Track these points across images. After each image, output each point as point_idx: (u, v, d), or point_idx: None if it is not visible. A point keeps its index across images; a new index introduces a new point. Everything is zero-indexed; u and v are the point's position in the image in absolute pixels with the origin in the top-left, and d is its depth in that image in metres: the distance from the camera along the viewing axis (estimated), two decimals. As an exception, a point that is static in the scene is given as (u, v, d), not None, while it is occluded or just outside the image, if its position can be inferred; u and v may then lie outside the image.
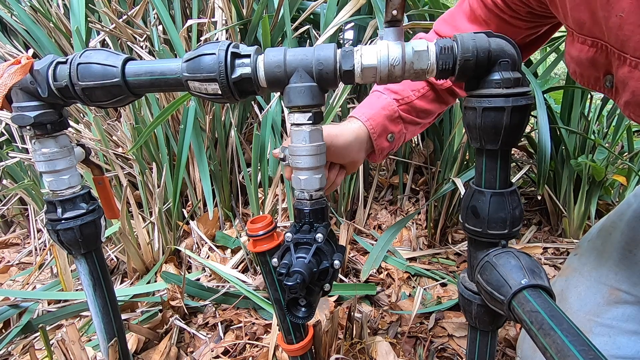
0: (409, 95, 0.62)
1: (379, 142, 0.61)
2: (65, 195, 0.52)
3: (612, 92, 0.46)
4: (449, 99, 0.67)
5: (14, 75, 0.43)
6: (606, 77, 0.46)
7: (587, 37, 0.44)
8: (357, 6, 1.13)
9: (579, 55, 0.47)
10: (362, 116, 0.59)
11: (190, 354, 0.89)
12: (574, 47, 0.47)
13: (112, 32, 1.24)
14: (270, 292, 0.57)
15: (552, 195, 1.30)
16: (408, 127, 0.64)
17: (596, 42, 0.43)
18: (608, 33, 0.41)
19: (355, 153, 0.58)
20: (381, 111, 0.60)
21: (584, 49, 0.46)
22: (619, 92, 0.45)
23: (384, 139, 0.61)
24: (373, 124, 0.59)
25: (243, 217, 1.29)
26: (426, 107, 0.64)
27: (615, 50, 0.41)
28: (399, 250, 1.20)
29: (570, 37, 0.48)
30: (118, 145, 1.22)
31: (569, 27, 0.47)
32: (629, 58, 0.40)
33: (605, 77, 0.46)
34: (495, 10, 0.56)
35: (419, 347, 0.89)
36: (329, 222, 0.48)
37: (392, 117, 0.61)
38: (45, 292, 1.06)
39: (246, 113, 1.40)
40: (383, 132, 0.61)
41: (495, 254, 0.43)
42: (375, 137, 0.60)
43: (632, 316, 0.60)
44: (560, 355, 0.30)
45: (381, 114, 0.60)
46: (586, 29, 0.44)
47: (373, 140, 0.60)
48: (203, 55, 0.41)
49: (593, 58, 0.45)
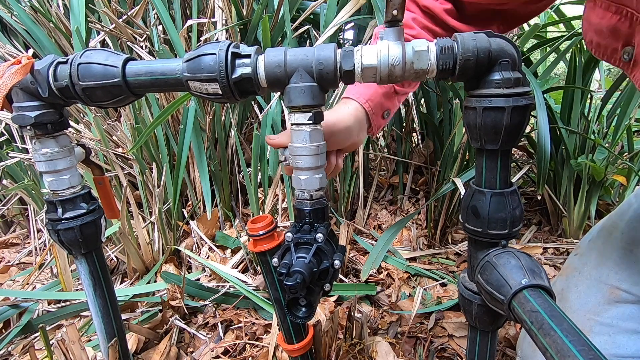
0: None
1: (376, 121, 0.61)
2: (66, 195, 0.52)
3: (628, 65, 0.44)
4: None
5: (14, 75, 0.43)
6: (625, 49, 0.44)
7: (612, 2, 0.42)
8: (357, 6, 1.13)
9: (600, 22, 0.44)
10: (360, 97, 0.59)
11: (190, 354, 0.89)
12: (594, 13, 0.45)
13: (112, 32, 1.24)
14: (270, 291, 0.57)
15: (552, 195, 1.30)
16: (400, 98, 0.64)
17: (621, 8, 0.41)
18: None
19: (356, 136, 0.58)
20: (378, 89, 0.60)
21: (606, 15, 0.43)
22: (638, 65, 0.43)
23: (380, 117, 0.61)
24: (372, 104, 0.59)
25: (243, 217, 1.29)
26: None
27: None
28: (399, 250, 1.20)
29: (590, 3, 0.46)
30: (118, 145, 1.22)
31: None
32: None
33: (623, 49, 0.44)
34: None
35: (419, 347, 0.89)
36: (329, 222, 0.48)
37: (388, 94, 0.61)
38: (45, 292, 1.06)
39: (246, 113, 1.40)
40: (380, 110, 0.61)
41: (495, 254, 0.43)
42: (374, 117, 0.60)
43: (632, 315, 0.60)
44: (560, 355, 0.30)
45: (378, 92, 0.60)
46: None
47: (372, 120, 0.60)
48: (203, 55, 0.41)
49: (615, 26, 0.43)
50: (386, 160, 1.52)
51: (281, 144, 0.53)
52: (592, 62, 1.20)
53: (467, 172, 1.12)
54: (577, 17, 1.38)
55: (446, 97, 1.31)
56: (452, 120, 1.25)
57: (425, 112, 1.40)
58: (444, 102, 1.33)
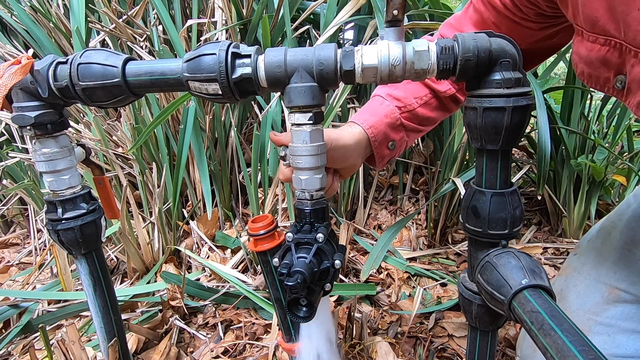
0: (412, 103, 0.61)
1: (379, 150, 0.60)
2: (66, 195, 0.52)
3: (622, 93, 0.45)
4: (452, 107, 0.66)
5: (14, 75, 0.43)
6: (617, 78, 0.44)
7: (599, 35, 0.43)
8: (357, 6, 1.13)
9: (589, 54, 0.45)
10: (364, 123, 0.59)
11: (190, 354, 0.89)
12: (583, 46, 0.46)
13: (112, 32, 1.24)
14: (270, 291, 0.57)
15: (552, 195, 1.30)
16: (410, 134, 0.63)
17: (609, 40, 0.42)
18: (625, 29, 0.39)
19: (354, 158, 0.58)
20: (383, 119, 0.60)
21: (594, 47, 0.44)
22: (632, 92, 0.43)
23: (385, 146, 0.61)
24: (375, 131, 0.59)
25: (243, 217, 1.29)
26: (429, 114, 0.63)
27: (632, 48, 0.39)
28: (399, 250, 1.20)
29: (579, 37, 0.46)
30: (118, 145, 1.22)
31: (579, 26, 0.45)
32: None
33: (616, 78, 0.44)
34: (505, 12, 0.55)
35: (419, 347, 0.89)
36: (330, 222, 0.48)
37: (394, 125, 0.61)
38: (45, 292, 1.06)
39: (246, 113, 1.40)
40: (384, 139, 0.60)
41: (495, 254, 0.43)
42: (377, 145, 0.59)
43: (631, 315, 0.60)
44: (560, 356, 0.30)
45: (383, 122, 0.59)
46: (599, 27, 0.42)
47: (374, 148, 0.59)
48: (203, 56, 0.41)
49: (605, 57, 0.43)
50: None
51: (284, 142, 0.53)
52: (592, 62, 1.20)
53: (467, 172, 1.12)
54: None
55: (446, 97, 1.31)
56: (452, 120, 1.25)
57: (425, 112, 1.40)
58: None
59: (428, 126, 0.66)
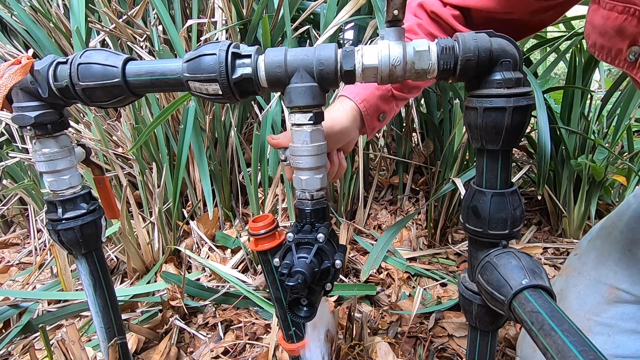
0: None
1: (371, 123, 0.61)
2: (66, 195, 0.52)
3: (634, 65, 0.44)
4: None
5: (14, 75, 0.43)
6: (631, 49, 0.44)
7: (618, 2, 0.42)
8: (357, 6, 1.13)
9: (604, 23, 0.44)
10: (356, 97, 0.59)
11: (190, 354, 0.89)
12: (598, 14, 0.45)
13: (112, 32, 1.24)
14: (271, 290, 0.57)
15: (552, 195, 1.30)
16: (399, 103, 0.64)
17: (628, 7, 0.41)
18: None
19: (352, 134, 0.59)
20: (375, 91, 0.60)
21: (611, 15, 0.43)
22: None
23: (375, 118, 0.61)
24: (367, 105, 0.59)
25: (243, 217, 1.29)
26: (418, 82, 0.63)
27: None
28: (399, 250, 1.20)
29: (594, 5, 0.46)
30: (118, 145, 1.22)
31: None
32: None
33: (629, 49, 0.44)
34: None
35: (419, 347, 0.89)
36: (330, 222, 0.48)
37: (386, 97, 0.61)
38: (45, 292, 1.06)
39: (246, 113, 1.40)
40: (375, 112, 0.60)
41: (495, 254, 0.43)
42: (368, 118, 0.60)
43: (631, 315, 0.61)
44: (560, 356, 0.30)
45: (375, 94, 0.59)
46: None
47: (366, 121, 0.60)
48: (203, 56, 0.41)
49: (621, 26, 0.43)
50: (386, 160, 1.52)
51: (282, 144, 0.53)
52: (592, 62, 1.20)
53: (467, 172, 1.12)
54: (577, 17, 1.38)
55: (446, 97, 1.31)
56: (452, 120, 1.25)
57: (425, 112, 1.40)
58: (444, 102, 1.33)
59: (415, 93, 0.67)
